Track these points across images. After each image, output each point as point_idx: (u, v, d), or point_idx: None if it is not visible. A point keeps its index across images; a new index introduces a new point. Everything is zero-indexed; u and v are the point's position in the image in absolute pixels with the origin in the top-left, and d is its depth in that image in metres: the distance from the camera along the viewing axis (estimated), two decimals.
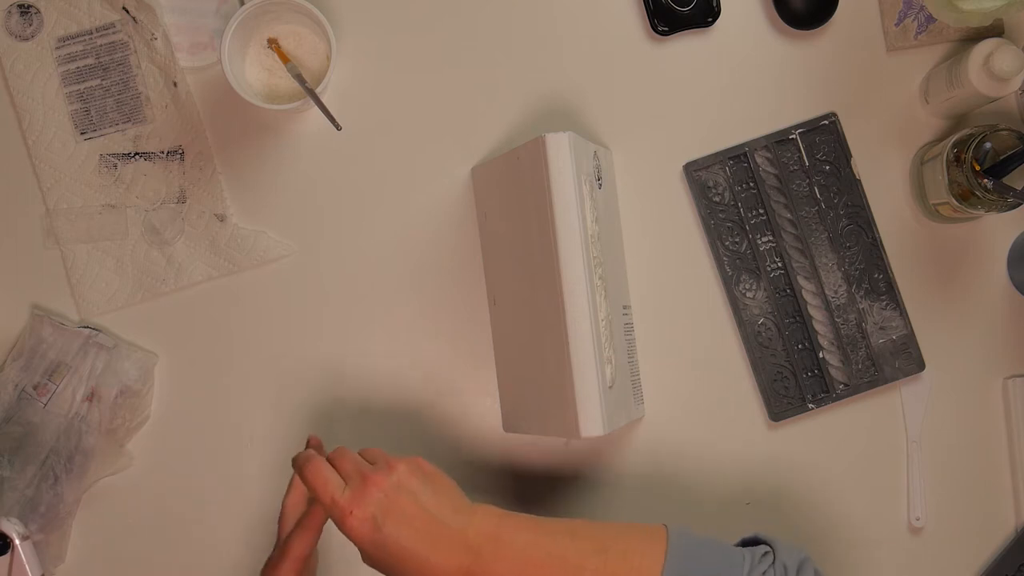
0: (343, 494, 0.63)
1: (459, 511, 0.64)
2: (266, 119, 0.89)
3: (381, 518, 0.62)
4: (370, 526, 0.62)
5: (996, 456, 0.89)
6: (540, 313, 0.78)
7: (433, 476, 0.66)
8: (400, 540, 0.62)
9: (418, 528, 0.63)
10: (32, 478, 0.86)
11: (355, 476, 0.64)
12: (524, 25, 0.89)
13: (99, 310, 0.89)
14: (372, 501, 0.62)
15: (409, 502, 0.63)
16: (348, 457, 0.66)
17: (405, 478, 0.64)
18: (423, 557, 0.62)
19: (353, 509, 0.62)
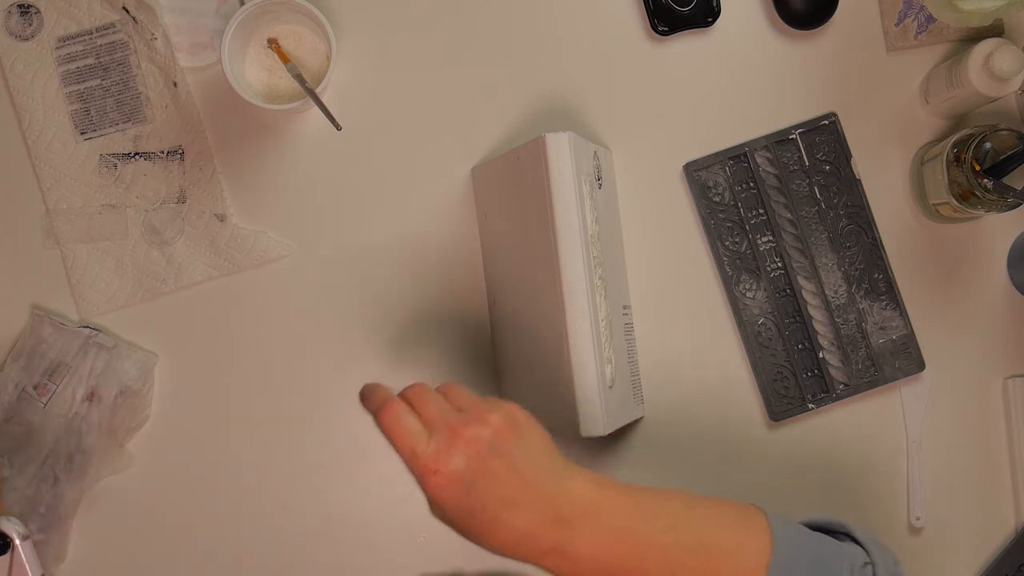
0: (427, 447, 0.55)
1: (553, 475, 0.57)
2: (266, 119, 0.89)
3: (470, 480, 0.54)
4: (457, 489, 0.54)
5: (996, 456, 0.89)
6: (540, 313, 0.78)
7: (527, 430, 0.58)
8: (488, 507, 0.55)
9: (508, 494, 0.55)
10: (32, 478, 0.86)
11: (442, 427, 0.55)
12: (524, 25, 0.89)
13: (99, 310, 0.89)
14: (461, 460, 0.54)
15: (501, 464, 0.55)
16: (431, 400, 0.57)
17: (499, 434, 0.56)
18: (510, 527, 0.55)
19: (439, 467, 0.54)
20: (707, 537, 0.58)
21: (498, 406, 0.57)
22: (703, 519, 0.59)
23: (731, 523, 0.59)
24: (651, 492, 0.59)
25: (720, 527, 0.59)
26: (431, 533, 0.88)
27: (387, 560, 0.88)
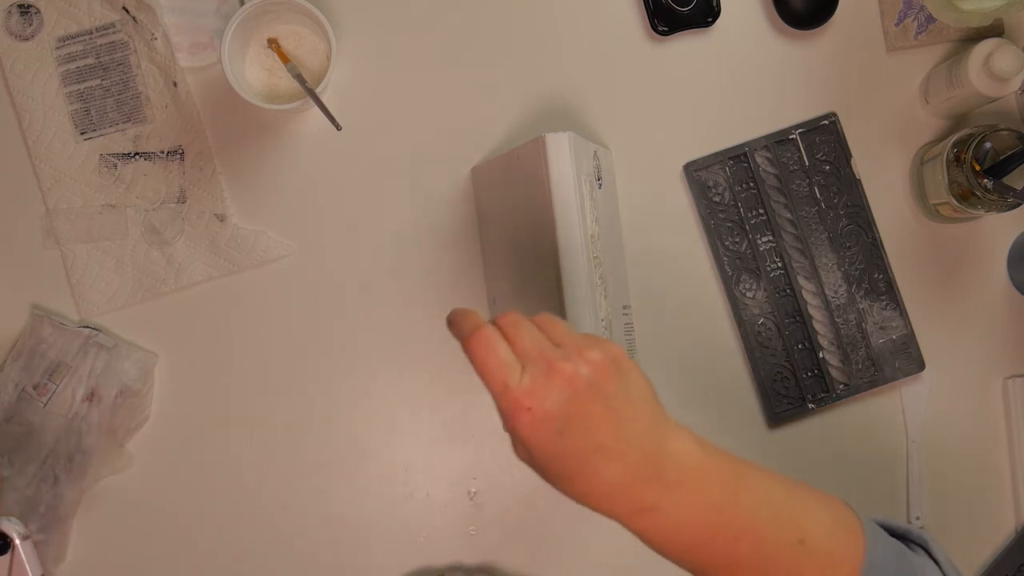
0: (520, 381, 0.50)
1: (655, 428, 0.51)
2: (266, 119, 0.89)
3: (564, 422, 0.49)
4: (549, 430, 0.49)
5: (996, 456, 0.89)
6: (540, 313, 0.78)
7: (630, 374, 0.52)
8: (580, 453, 0.50)
9: (605, 442, 0.50)
10: (32, 478, 0.86)
11: (538, 360, 0.50)
12: (524, 25, 0.89)
13: (99, 310, 0.89)
14: (557, 398, 0.49)
15: (600, 407, 0.50)
16: (526, 332, 0.51)
17: (600, 374, 0.50)
18: (601, 477, 0.50)
19: (532, 404, 0.49)
20: (804, 535, 0.53)
21: (600, 344, 0.51)
22: (803, 514, 0.54)
23: (828, 523, 0.55)
24: (754, 469, 0.54)
25: (818, 526, 0.54)
26: (431, 533, 0.88)
27: (387, 560, 0.88)
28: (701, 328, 0.89)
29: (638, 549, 0.91)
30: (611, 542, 0.88)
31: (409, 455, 0.89)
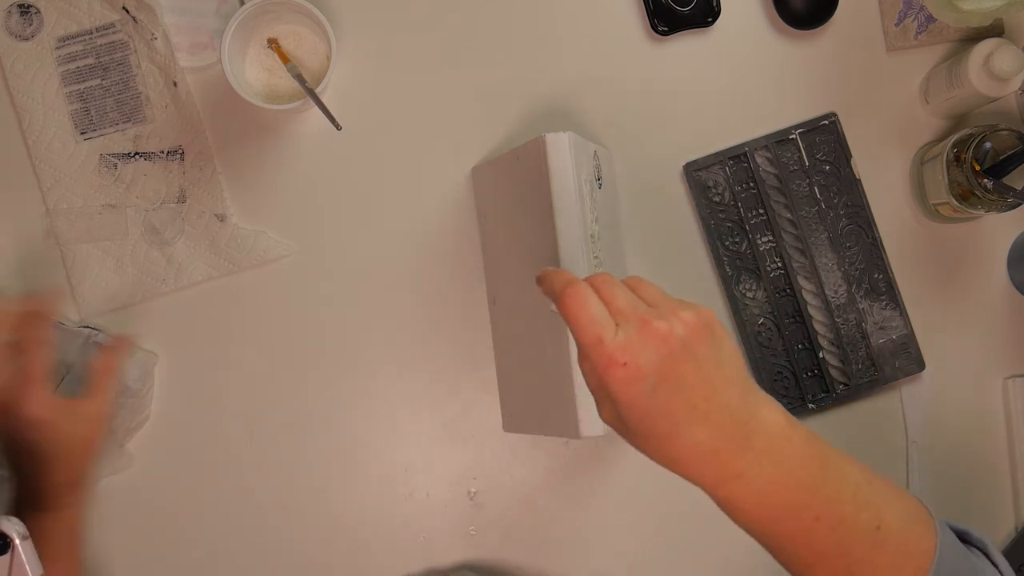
0: (615, 337, 0.49)
1: (747, 395, 0.51)
2: (266, 119, 0.89)
3: (657, 380, 0.49)
4: (642, 388, 0.49)
5: (996, 456, 0.89)
6: (540, 313, 0.78)
7: (722, 339, 0.52)
8: (672, 413, 0.50)
9: (697, 404, 0.50)
10: None
11: (632, 318, 0.50)
12: (524, 25, 0.89)
13: (99, 310, 0.89)
14: (651, 355, 0.49)
15: (692, 369, 0.50)
16: (620, 291, 0.51)
17: (693, 335, 0.50)
18: (692, 440, 0.50)
19: (626, 359, 0.49)
20: (881, 522, 0.53)
21: (693, 306, 0.51)
22: (881, 501, 0.54)
23: (904, 515, 0.55)
24: (836, 450, 0.54)
25: (894, 516, 0.54)
26: (431, 533, 0.88)
27: (387, 560, 0.88)
28: None
29: (638, 550, 0.91)
30: (611, 542, 0.88)
31: (409, 455, 0.89)
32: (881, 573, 0.53)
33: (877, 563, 0.52)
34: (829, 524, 0.52)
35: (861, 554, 0.52)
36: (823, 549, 0.52)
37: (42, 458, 0.70)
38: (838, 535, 0.52)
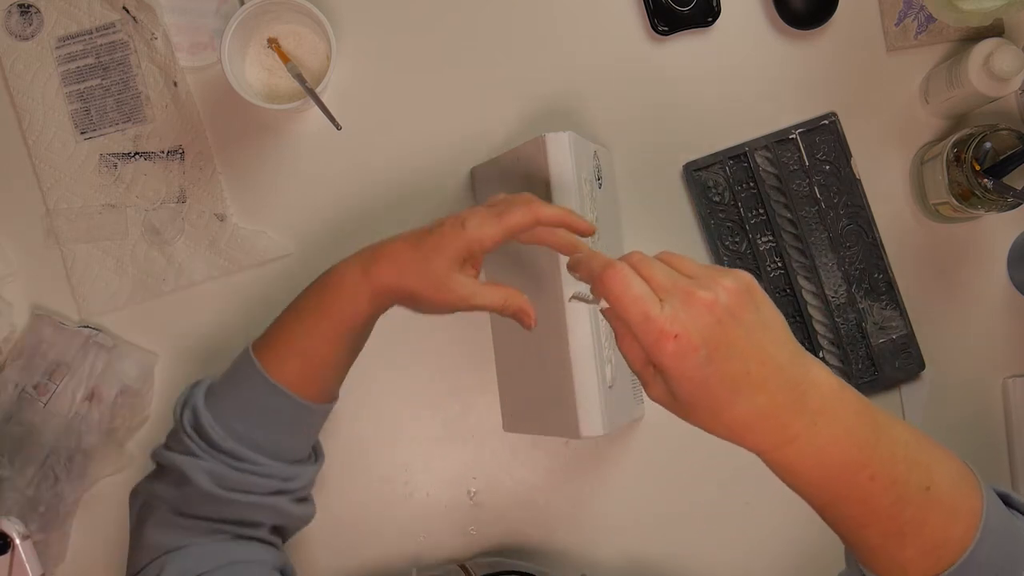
0: (662, 311, 0.49)
1: (796, 357, 0.51)
2: (266, 119, 0.89)
3: (710, 349, 0.49)
4: (695, 358, 0.49)
5: (996, 456, 0.89)
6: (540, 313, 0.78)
7: (764, 303, 0.52)
8: (728, 379, 0.50)
9: (752, 369, 0.50)
10: (32, 478, 0.86)
11: (675, 291, 0.50)
12: (524, 25, 0.89)
13: (99, 310, 0.89)
14: (701, 324, 0.49)
15: (742, 335, 0.50)
16: (658, 267, 0.51)
17: (737, 301, 0.50)
18: (751, 404, 0.50)
19: (677, 331, 0.48)
20: (931, 482, 0.53)
21: (731, 272, 0.51)
22: (931, 461, 0.54)
23: (953, 475, 0.55)
24: (883, 410, 0.54)
25: (944, 476, 0.54)
26: (431, 533, 0.88)
27: (387, 559, 0.88)
28: None
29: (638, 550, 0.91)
30: (611, 542, 0.88)
31: (409, 455, 0.89)
32: (931, 532, 0.53)
33: (928, 522, 0.53)
34: (883, 484, 0.52)
35: (913, 514, 0.52)
36: (877, 508, 0.52)
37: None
38: (892, 495, 0.52)
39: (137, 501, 0.71)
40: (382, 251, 0.67)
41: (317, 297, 0.69)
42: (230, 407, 0.69)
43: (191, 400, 0.69)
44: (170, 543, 0.67)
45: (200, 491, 0.66)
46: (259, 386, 0.69)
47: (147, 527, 0.69)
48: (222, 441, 0.67)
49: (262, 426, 0.68)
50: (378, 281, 0.66)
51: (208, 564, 0.66)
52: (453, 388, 0.89)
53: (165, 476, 0.69)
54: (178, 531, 0.68)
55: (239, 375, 0.70)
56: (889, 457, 0.52)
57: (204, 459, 0.67)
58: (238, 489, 0.67)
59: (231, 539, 0.69)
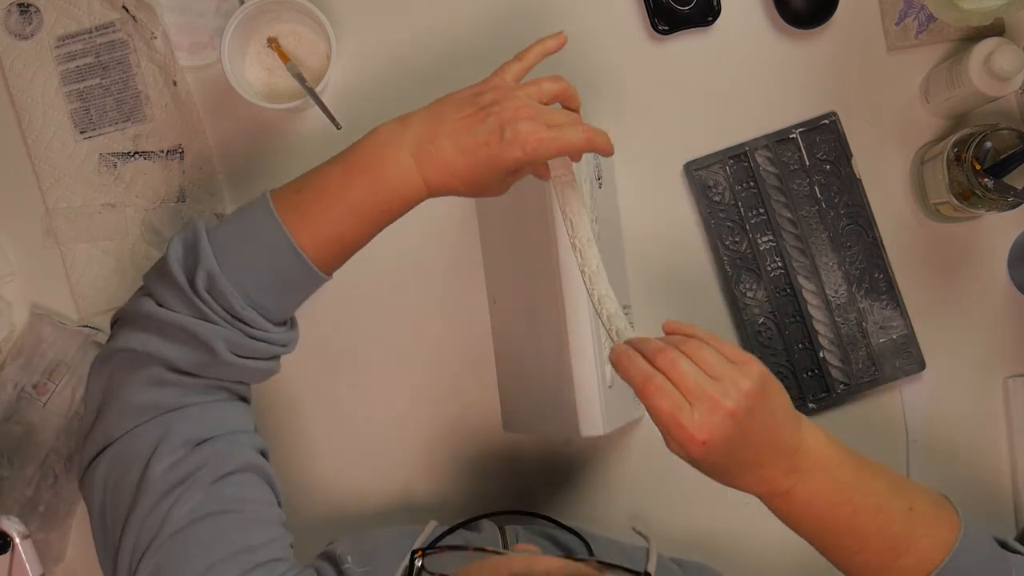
0: (691, 418, 0.58)
1: (794, 431, 0.61)
2: (266, 118, 0.89)
3: (729, 444, 0.59)
4: (719, 452, 0.58)
5: (996, 456, 0.89)
6: (540, 312, 0.78)
7: (773, 394, 0.61)
8: (741, 462, 0.60)
9: (760, 453, 0.60)
10: (32, 477, 0.86)
11: (703, 398, 0.58)
12: (524, 24, 0.89)
13: (99, 309, 0.88)
14: (725, 429, 0.58)
15: (755, 427, 0.59)
16: (687, 370, 0.59)
17: (753, 401, 0.59)
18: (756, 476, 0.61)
19: (705, 438, 0.58)
20: (913, 504, 0.63)
21: (749, 372, 0.59)
22: (910, 489, 0.65)
23: (930, 498, 0.65)
24: (867, 458, 0.64)
25: (924, 499, 0.64)
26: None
27: None
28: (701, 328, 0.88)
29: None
30: None
31: (409, 455, 0.89)
32: (920, 541, 0.62)
33: (916, 532, 0.62)
34: (867, 514, 0.62)
35: (900, 530, 0.62)
36: (865, 534, 0.62)
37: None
38: (877, 521, 0.62)
39: (111, 361, 0.66)
40: (438, 157, 0.66)
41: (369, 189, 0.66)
42: (246, 270, 0.65)
43: (203, 260, 0.64)
44: (168, 402, 0.64)
45: (218, 358, 0.64)
46: (286, 257, 0.65)
47: (133, 387, 0.64)
48: (242, 310, 0.64)
49: (276, 293, 0.66)
50: (432, 183, 0.67)
51: (211, 430, 0.64)
52: (453, 388, 0.89)
53: (162, 335, 0.64)
54: (175, 390, 0.65)
55: (262, 238, 0.66)
56: (870, 492, 0.62)
57: (222, 326, 0.64)
58: (248, 356, 0.66)
59: (225, 399, 0.67)
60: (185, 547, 0.60)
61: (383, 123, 0.68)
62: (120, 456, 0.63)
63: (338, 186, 0.66)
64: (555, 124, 0.66)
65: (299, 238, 0.65)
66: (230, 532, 0.61)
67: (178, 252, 0.65)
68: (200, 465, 0.62)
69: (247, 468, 0.65)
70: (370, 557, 0.65)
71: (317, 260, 0.66)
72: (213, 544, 0.60)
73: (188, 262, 0.65)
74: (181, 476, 0.62)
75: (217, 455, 0.63)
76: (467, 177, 0.66)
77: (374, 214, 0.67)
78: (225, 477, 0.63)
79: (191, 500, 0.61)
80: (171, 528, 0.60)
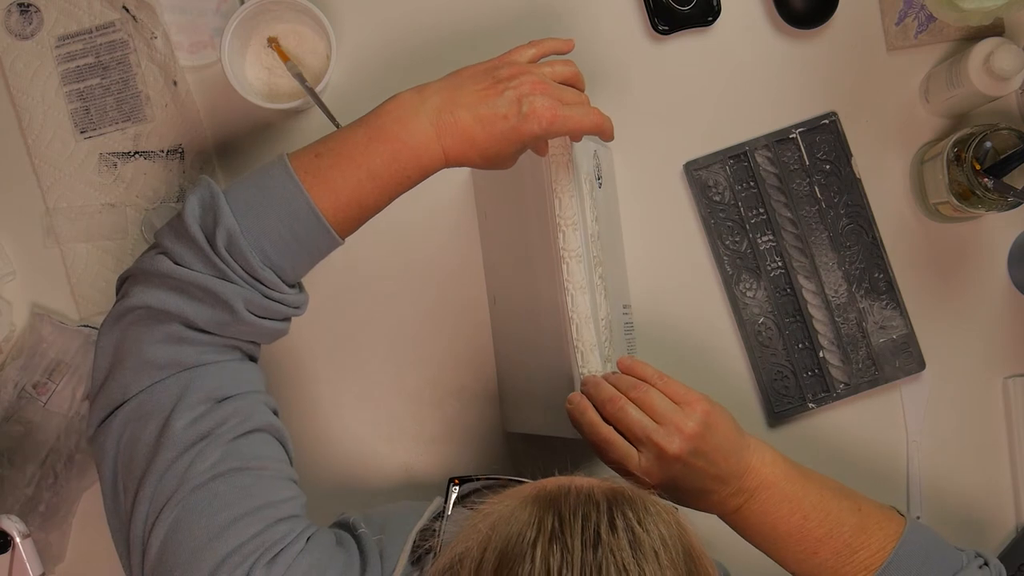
0: (639, 464, 0.65)
1: (740, 457, 0.67)
2: (266, 118, 0.89)
3: (677, 482, 0.65)
4: (668, 488, 0.65)
5: (996, 456, 0.89)
6: (540, 312, 0.78)
7: (718, 425, 0.66)
8: (691, 491, 0.66)
9: (706, 484, 0.66)
10: (32, 477, 0.86)
11: (649, 445, 0.65)
12: (524, 24, 0.89)
13: (99, 309, 0.88)
14: (671, 471, 0.64)
15: (701, 461, 0.65)
16: (634, 417, 0.66)
17: (698, 439, 0.65)
18: (706, 502, 0.67)
19: (654, 480, 0.64)
20: (860, 506, 0.69)
21: (692, 413, 0.65)
22: (856, 496, 0.70)
23: (875, 502, 0.70)
24: (813, 471, 0.70)
25: (869, 502, 0.70)
26: None
27: None
28: (701, 328, 0.89)
29: None
30: None
31: (409, 455, 0.89)
32: (872, 536, 0.67)
33: (867, 530, 0.67)
34: (816, 520, 0.67)
35: (851, 529, 0.67)
36: (818, 537, 0.67)
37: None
38: (827, 525, 0.67)
39: (125, 319, 0.65)
40: (458, 128, 0.67)
41: (391, 157, 0.67)
42: (265, 230, 0.65)
43: (222, 219, 0.63)
44: (187, 359, 0.64)
45: (237, 317, 0.64)
46: (305, 219, 0.65)
47: (150, 343, 0.64)
48: (261, 269, 0.64)
49: (293, 254, 0.66)
50: (451, 153, 0.68)
51: (232, 388, 0.64)
52: (453, 388, 0.89)
53: (181, 293, 0.64)
54: (196, 348, 0.64)
55: (281, 200, 0.65)
56: (817, 500, 0.67)
57: (241, 286, 0.64)
58: (265, 316, 0.66)
59: (241, 359, 0.67)
60: (207, 501, 0.60)
61: (402, 91, 0.69)
62: (138, 411, 0.63)
63: (360, 151, 0.66)
64: (569, 102, 0.68)
65: (319, 201, 0.65)
66: (252, 488, 0.61)
67: (195, 211, 0.64)
68: (222, 422, 0.62)
69: (265, 428, 0.65)
70: (382, 527, 0.66)
71: (335, 224, 0.67)
72: (235, 499, 0.60)
73: (206, 221, 0.64)
74: (203, 432, 0.61)
75: (238, 412, 0.63)
76: (485, 148, 0.68)
77: (394, 181, 0.67)
78: (246, 435, 0.63)
79: (212, 456, 0.61)
80: (192, 483, 0.60)
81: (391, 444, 0.89)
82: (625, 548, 0.48)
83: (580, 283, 0.73)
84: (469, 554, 0.50)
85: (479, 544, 0.50)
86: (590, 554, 0.47)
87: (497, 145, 0.67)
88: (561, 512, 0.49)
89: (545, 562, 0.47)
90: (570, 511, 0.49)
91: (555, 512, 0.49)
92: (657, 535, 0.49)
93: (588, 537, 0.48)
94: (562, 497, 0.50)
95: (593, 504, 0.50)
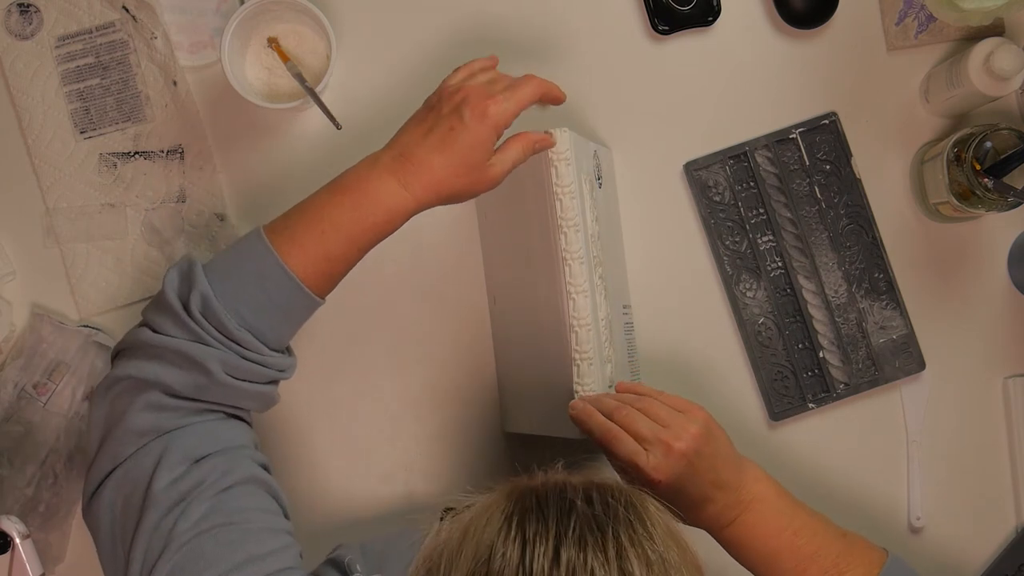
0: (647, 461, 0.67)
1: (736, 469, 0.71)
2: (266, 118, 0.89)
3: (681, 482, 0.68)
4: (673, 489, 0.68)
5: (996, 456, 0.89)
6: (540, 312, 0.78)
7: (716, 435, 0.70)
8: (692, 497, 0.69)
9: (706, 490, 0.69)
10: (32, 477, 0.86)
11: (656, 443, 0.68)
12: (525, 24, 0.89)
13: (99, 309, 0.89)
14: (677, 469, 0.68)
15: (704, 465, 0.68)
16: (641, 421, 0.69)
17: (700, 443, 0.68)
18: (705, 512, 0.70)
19: (660, 478, 0.67)
20: (846, 533, 0.72)
21: (695, 418, 0.69)
22: (838, 526, 0.73)
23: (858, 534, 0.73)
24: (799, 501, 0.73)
25: (854, 533, 0.73)
26: None
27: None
28: (701, 327, 0.89)
29: None
30: None
31: (409, 455, 0.89)
32: (858, 556, 0.71)
33: (854, 553, 0.71)
34: (805, 537, 0.70)
35: (839, 551, 0.70)
36: (807, 554, 0.70)
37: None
38: (815, 543, 0.70)
39: (112, 391, 0.67)
40: (415, 164, 0.69)
41: (351, 206, 0.69)
42: (240, 293, 0.67)
43: (197, 285, 0.66)
44: (167, 424, 0.66)
45: (213, 379, 0.66)
46: (275, 278, 0.67)
47: (133, 413, 0.66)
48: (236, 331, 0.66)
49: (270, 316, 0.68)
50: (420, 195, 0.70)
51: (211, 446, 0.66)
52: (453, 388, 0.89)
53: (160, 360, 0.66)
54: (175, 413, 0.66)
55: (252, 262, 0.68)
56: (807, 519, 0.71)
57: (216, 348, 0.66)
58: (244, 378, 0.67)
59: (221, 419, 0.68)
60: (193, 561, 0.61)
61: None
62: (124, 478, 0.65)
63: (322, 206, 0.70)
64: (504, 87, 0.70)
65: (287, 258, 0.68)
66: (236, 542, 0.62)
67: (173, 282, 0.67)
68: (200, 480, 0.63)
69: (249, 480, 0.66)
70: (379, 561, 0.67)
71: (307, 280, 0.69)
72: (220, 555, 0.61)
73: (183, 289, 0.67)
74: (183, 492, 0.63)
75: (216, 469, 0.64)
76: (452, 173, 0.69)
77: (358, 229, 0.69)
78: (227, 490, 0.64)
79: (196, 512, 0.62)
80: (178, 542, 0.61)
81: (390, 444, 0.89)
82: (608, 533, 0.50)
83: (582, 286, 0.73)
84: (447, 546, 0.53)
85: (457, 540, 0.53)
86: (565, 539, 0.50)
87: (460, 163, 0.69)
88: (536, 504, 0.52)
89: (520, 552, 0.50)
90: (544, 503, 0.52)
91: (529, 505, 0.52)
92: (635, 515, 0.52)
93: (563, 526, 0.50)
94: (536, 490, 0.53)
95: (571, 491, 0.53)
